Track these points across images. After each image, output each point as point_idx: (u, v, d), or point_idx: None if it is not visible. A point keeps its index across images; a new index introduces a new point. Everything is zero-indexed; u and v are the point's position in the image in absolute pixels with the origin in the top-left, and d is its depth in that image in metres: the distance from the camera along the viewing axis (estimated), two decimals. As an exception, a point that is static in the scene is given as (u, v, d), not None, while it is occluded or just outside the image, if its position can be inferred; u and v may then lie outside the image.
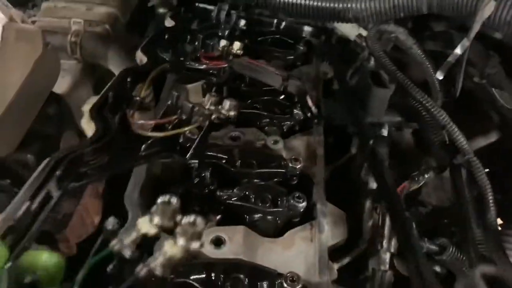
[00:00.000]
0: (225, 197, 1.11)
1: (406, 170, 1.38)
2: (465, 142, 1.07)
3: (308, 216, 1.14)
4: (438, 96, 1.22)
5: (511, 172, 1.49)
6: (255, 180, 1.18)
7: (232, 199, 1.12)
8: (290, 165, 1.19)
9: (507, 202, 1.38)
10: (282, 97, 1.40)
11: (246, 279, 0.99)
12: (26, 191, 0.87)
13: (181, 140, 1.17)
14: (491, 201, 1.07)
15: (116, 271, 0.90)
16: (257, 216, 1.12)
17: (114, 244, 0.91)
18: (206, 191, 1.12)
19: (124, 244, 0.92)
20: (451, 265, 1.06)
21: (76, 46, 1.50)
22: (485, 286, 0.82)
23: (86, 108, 1.11)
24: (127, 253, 0.91)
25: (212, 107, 1.20)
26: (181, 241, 0.92)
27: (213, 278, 0.98)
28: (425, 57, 1.20)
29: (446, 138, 1.17)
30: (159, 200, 0.98)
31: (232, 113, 1.22)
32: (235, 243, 1.03)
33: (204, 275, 0.97)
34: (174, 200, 0.98)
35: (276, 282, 0.97)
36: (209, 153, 1.17)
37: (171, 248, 0.91)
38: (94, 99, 1.12)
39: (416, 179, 1.10)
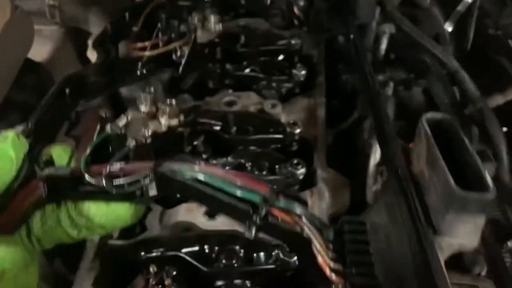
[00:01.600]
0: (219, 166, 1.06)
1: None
2: (475, 89, 0.98)
3: (308, 184, 1.08)
4: (449, 49, 1.12)
5: None
6: (252, 147, 1.11)
7: (226, 168, 1.06)
8: (289, 130, 1.12)
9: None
10: (281, 57, 1.32)
11: (242, 251, 0.94)
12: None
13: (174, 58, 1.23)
14: (504, 154, 0.99)
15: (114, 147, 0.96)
16: (253, 184, 1.06)
17: (109, 127, 0.96)
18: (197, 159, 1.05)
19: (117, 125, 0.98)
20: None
21: (55, 9, 1.41)
22: None
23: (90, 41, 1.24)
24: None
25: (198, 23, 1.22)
26: (162, 120, 1.01)
27: (206, 251, 0.93)
28: (433, 5, 1.09)
29: (457, 93, 1.08)
30: (142, 94, 1.02)
31: (217, 26, 1.23)
32: (230, 213, 0.98)
33: (197, 248, 0.93)
34: (152, 90, 1.04)
35: (273, 253, 0.92)
36: (201, 120, 1.10)
37: (154, 124, 1.00)
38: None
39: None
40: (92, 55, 1.23)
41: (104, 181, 0.76)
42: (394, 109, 1.27)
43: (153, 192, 0.74)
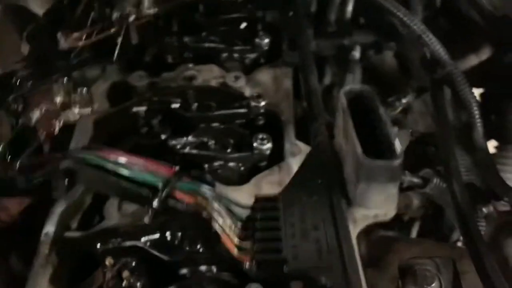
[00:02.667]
0: (179, 146, 0.98)
1: (390, 96, 1.24)
2: (443, 52, 0.92)
3: (277, 159, 1.02)
4: (417, 8, 1.06)
5: (507, 91, 1.35)
6: (214, 124, 1.04)
7: (187, 147, 0.99)
8: (253, 103, 1.05)
9: (503, 123, 1.26)
10: (244, 25, 1.24)
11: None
12: None
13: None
14: (477, 117, 0.94)
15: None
16: (217, 164, 1.00)
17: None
18: (157, 141, 0.98)
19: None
20: (437, 198, 0.95)
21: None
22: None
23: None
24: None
25: (132, 8, 1.13)
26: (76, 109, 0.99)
27: (168, 238, 0.87)
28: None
29: (428, 54, 1.02)
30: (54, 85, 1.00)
31: (152, 10, 1.15)
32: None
33: (157, 236, 0.87)
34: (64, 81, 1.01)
35: None
36: (158, 98, 1.03)
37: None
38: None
39: (393, 104, 0.96)
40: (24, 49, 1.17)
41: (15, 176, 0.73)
42: (365, 74, 1.21)
43: (62, 184, 0.67)
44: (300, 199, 0.59)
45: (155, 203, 0.61)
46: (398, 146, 0.50)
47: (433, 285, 0.64)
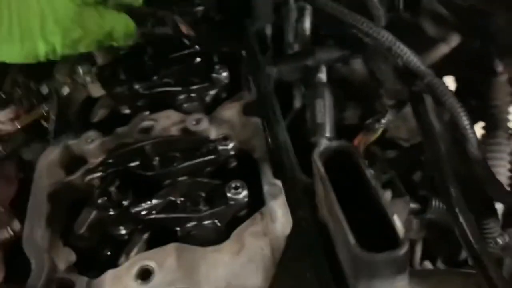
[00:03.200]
0: (144, 213, 0.87)
1: (370, 106, 1.15)
2: (419, 63, 0.83)
3: (258, 203, 0.92)
4: (380, 13, 0.97)
5: (483, 73, 1.27)
6: (181, 179, 0.93)
7: (153, 212, 0.87)
8: (220, 147, 0.95)
9: (486, 109, 1.17)
10: (197, 60, 1.13)
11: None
12: None
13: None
14: (468, 127, 0.85)
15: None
16: (190, 225, 0.88)
17: None
18: (117, 211, 0.86)
19: None
20: (439, 220, 0.85)
21: None
22: None
23: None
24: None
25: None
26: None
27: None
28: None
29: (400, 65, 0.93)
30: None
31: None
32: (167, 269, 0.80)
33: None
34: None
35: None
36: (112, 160, 0.91)
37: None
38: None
39: (372, 127, 0.86)
40: None
41: None
42: (334, 87, 1.11)
43: None
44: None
45: None
46: (399, 223, 0.38)
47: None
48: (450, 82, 1.25)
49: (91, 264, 0.92)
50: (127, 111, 1.12)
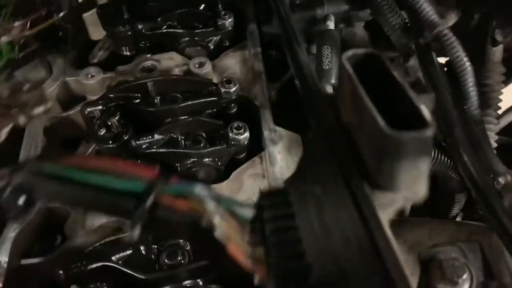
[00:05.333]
0: (144, 147, 0.86)
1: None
2: (432, 13, 0.83)
3: (256, 148, 0.92)
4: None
5: (477, 52, 1.28)
6: (182, 118, 0.92)
7: (154, 147, 0.87)
8: (223, 89, 0.94)
9: (479, 89, 1.19)
10: (202, 6, 1.11)
11: (187, 244, 0.77)
12: None
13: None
14: (471, 84, 0.86)
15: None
16: (190, 161, 0.88)
17: None
18: (117, 144, 0.86)
19: None
20: (438, 173, 0.87)
21: None
22: None
23: None
24: None
25: None
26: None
27: (143, 252, 0.76)
28: None
29: (407, 19, 0.93)
30: None
31: None
32: (166, 201, 0.80)
33: (130, 251, 0.75)
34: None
35: None
36: (113, 95, 0.90)
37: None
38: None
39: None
40: None
41: None
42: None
43: (21, 201, 0.52)
44: (312, 189, 0.46)
45: (140, 214, 0.45)
46: (426, 112, 0.38)
47: (464, 277, 0.54)
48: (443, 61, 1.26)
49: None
50: (128, 53, 1.10)
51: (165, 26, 1.06)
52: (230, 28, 1.09)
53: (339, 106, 0.48)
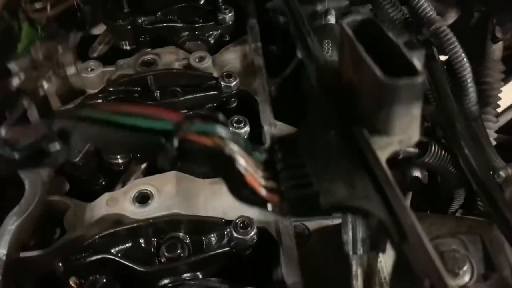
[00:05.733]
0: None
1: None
2: (430, 9, 0.83)
3: (256, 143, 0.91)
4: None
5: (476, 50, 1.28)
6: (182, 112, 0.92)
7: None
8: (223, 83, 0.94)
9: (476, 85, 1.19)
10: (202, 1, 1.11)
11: (187, 236, 0.77)
12: None
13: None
14: (469, 80, 0.85)
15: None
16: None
17: None
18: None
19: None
20: (436, 167, 0.87)
21: None
22: None
23: None
24: None
25: None
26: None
27: (142, 245, 0.75)
28: None
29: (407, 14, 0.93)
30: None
31: None
32: (166, 194, 0.80)
33: (129, 244, 0.75)
34: None
35: (225, 232, 0.76)
36: (113, 89, 0.90)
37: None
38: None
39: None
40: None
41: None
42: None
43: (55, 147, 0.57)
44: (318, 134, 0.54)
45: (170, 147, 0.51)
46: (418, 63, 0.43)
47: (464, 268, 0.55)
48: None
49: (86, 195, 0.90)
50: (128, 47, 1.10)
51: (165, 20, 1.06)
52: (230, 23, 1.09)
53: (340, 69, 0.52)
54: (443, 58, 1.05)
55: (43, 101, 0.87)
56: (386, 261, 0.77)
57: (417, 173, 0.95)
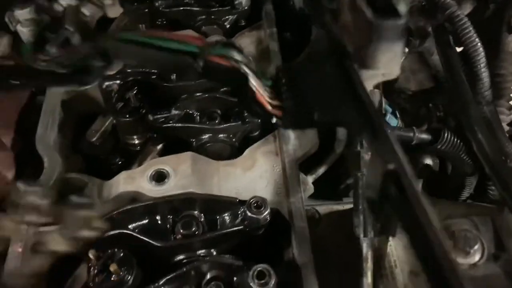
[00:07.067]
0: (160, 121, 0.88)
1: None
2: None
3: (269, 127, 0.93)
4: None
5: (492, 42, 1.28)
6: (197, 94, 0.94)
7: (170, 121, 0.88)
8: (239, 67, 0.95)
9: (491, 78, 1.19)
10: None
11: (202, 215, 0.79)
12: None
13: None
14: (482, 64, 0.85)
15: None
16: (205, 137, 0.90)
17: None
18: (134, 117, 0.87)
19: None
20: (448, 155, 0.87)
21: None
22: None
23: None
24: None
25: None
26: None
27: (159, 221, 0.77)
28: None
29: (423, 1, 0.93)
30: None
31: None
32: (182, 174, 0.82)
33: (146, 221, 0.77)
34: None
35: (239, 212, 0.78)
36: (132, 70, 0.91)
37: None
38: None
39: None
40: None
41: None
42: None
43: (99, 63, 0.73)
44: (315, 66, 0.68)
45: (198, 64, 0.67)
46: (402, 8, 0.54)
47: (475, 247, 0.56)
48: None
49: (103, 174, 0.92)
50: (144, 30, 1.11)
51: (182, 4, 1.07)
52: (246, 8, 1.09)
53: (340, 12, 0.64)
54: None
55: (84, 26, 0.92)
56: (395, 244, 0.79)
57: (428, 161, 0.96)
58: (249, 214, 0.75)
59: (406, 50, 0.87)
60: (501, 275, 0.55)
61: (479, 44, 0.83)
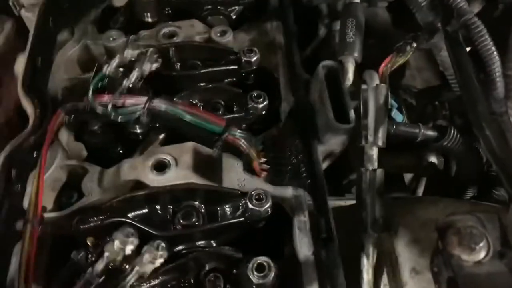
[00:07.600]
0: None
1: (386, 50, 1.15)
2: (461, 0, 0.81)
3: (272, 118, 0.92)
4: None
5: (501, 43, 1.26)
6: (201, 84, 0.93)
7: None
8: (244, 59, 0.94)
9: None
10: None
11: (202, 206, 0.78)
12: None
13: None
14: (497, 71, 0.83)
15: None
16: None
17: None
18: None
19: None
20: (453, 152, 0.86)
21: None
22: None
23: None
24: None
25: None
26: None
27: (159, 211, 0.77)
28: None
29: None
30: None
31: None
32: (183, 164, 0.81)
33: (146, 210, 0.76)
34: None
35: (240, 204, 0.77)
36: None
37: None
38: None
39: (403, 49, 0.85)
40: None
41: (110, 109, 0.81)
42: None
43: (145, 119, 0.82)
44: (290, 137, 0.87)
45: (220, 142, 0.80)
46: (352, 114, 0.82)
47: (481, 244, 0.55)
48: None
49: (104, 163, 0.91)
50: (150, 19, 1.10)
51: (187, -7, 1.06)
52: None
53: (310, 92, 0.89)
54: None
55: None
56: (397, 241, 0.78)
57: (433, 159, 0.95)
58: (250, 206, 0.74)
59: (415, 45, 0.85)
60: (506, 273, 0.54)
61: (495, 52, 0.80)
